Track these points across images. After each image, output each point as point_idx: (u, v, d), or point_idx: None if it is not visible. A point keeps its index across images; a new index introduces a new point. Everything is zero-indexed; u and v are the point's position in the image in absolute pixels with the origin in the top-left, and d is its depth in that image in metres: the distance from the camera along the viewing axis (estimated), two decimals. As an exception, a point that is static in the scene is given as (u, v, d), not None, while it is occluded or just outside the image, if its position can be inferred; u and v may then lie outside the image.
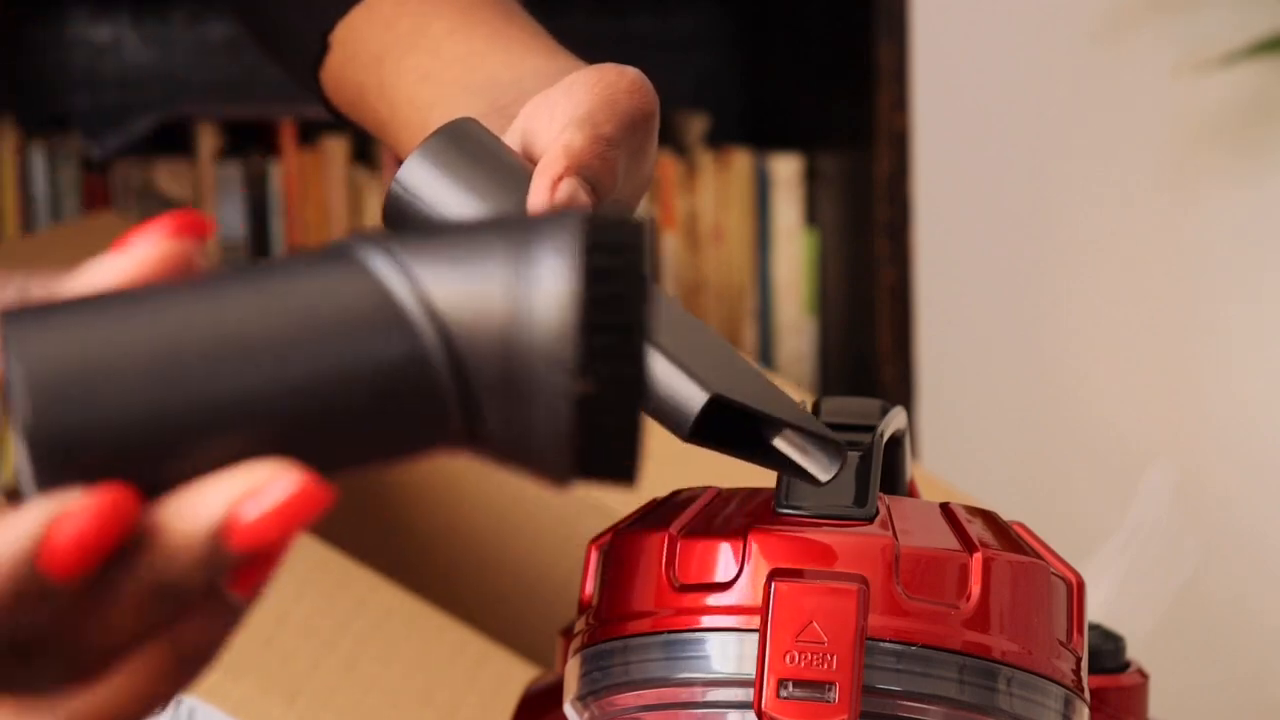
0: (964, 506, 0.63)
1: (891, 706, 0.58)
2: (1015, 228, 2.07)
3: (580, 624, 0.63)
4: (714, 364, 0.61)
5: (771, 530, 0.59)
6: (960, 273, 2.04)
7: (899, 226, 1.79)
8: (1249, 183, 2.06)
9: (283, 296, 0.45)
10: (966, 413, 2.05)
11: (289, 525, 0.44)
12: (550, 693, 0.69)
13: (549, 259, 0.45)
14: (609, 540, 0.63)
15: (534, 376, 0.45)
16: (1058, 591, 0.62)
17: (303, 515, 0.45)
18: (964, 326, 2.06)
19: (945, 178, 1.98)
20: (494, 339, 0.45)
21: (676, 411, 0.59)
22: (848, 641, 0.56)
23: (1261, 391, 2.08)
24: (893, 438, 0.66)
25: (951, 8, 2.01)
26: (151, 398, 0.44)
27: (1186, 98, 2.03)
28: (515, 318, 0.44)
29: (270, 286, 0.45)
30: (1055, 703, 0.60)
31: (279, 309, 0.45)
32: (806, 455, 0.59)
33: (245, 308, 0.45)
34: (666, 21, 1.99)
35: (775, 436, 0.59)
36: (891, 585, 0.59)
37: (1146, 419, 2.09)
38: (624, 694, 0.60)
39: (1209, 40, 1.99)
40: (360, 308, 0.45)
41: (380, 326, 0.45)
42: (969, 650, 0.59)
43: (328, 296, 0.45)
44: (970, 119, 2.04)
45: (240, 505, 0.44)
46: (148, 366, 0.44)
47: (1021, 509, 0.74)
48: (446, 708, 0.99)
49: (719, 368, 0.61)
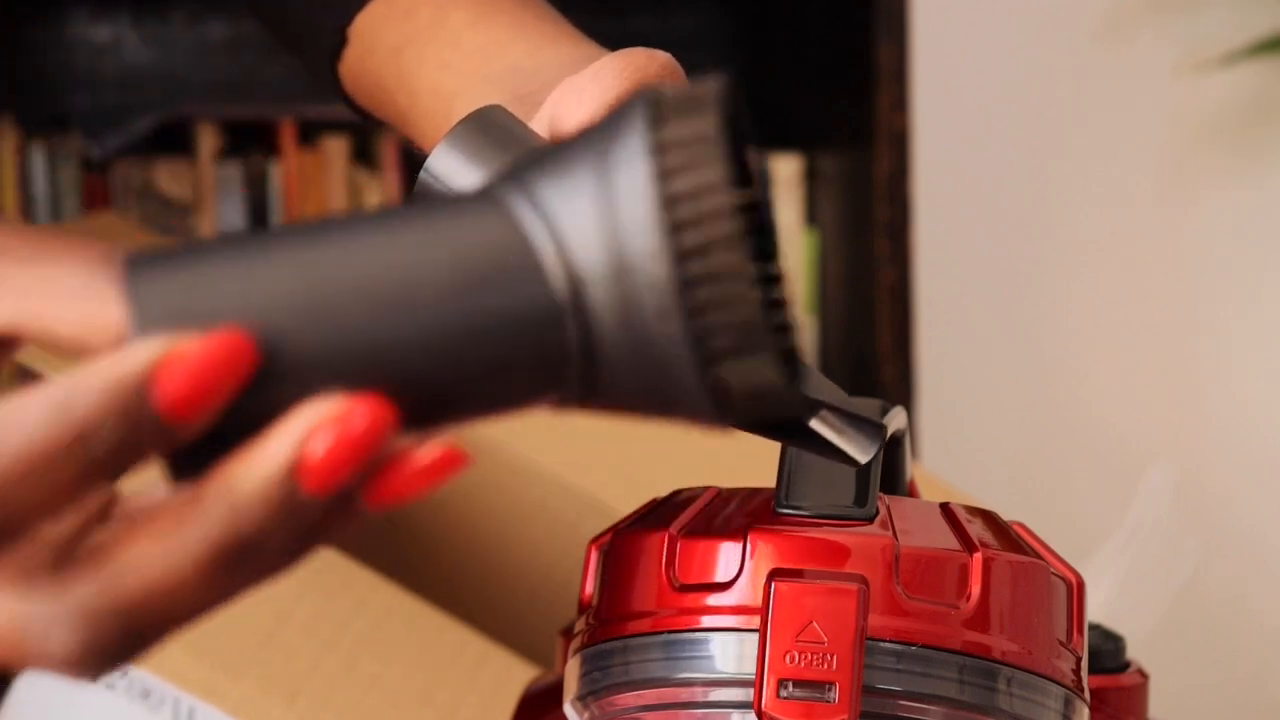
0: (964, 506, 0.63)
1: (891, 706, 0.58)
2: (1015, 228, 2.07)
3: (580, 624, 0.63)
4: None
5: (771, 530, 0.59)
6: (960, 273, 2.04)
7: (899, 226, 1.79)
8: (1249, 183, 2.06)
9: (420, 235, 0.44)
10: (966, 413, 2.05)
11: (359, 456, 0.43)
12: (550, 693, 0.69)
13: (628, 188, 0.43)
14: (609, 540, 0.63)
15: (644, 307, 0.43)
16: (1058, 591, 0.62)
17: (372, 445, 0.43)
18: (964, 326, 2.06)
19: (945, 178, 1.98)
20: (609, 278, 0.43)
21: None
22: (848, 641, 0.56)
23: (1261, 391, 2.08)
24: (893, 438, 0.66)
25: (951, 8, 2.01)
26: (276, 334, 0.43)
27: (1186, 98, 2.03)
28: (619, 250, 0.43)
29: (410, 225, 0.44)
30: (1055, 703, 0.60)
31: (414, 246, 0.44)
32: (844, 436, 0.59)
33: (380, 246, 0.44)
34: (666, 21, 1.99)
35: (813, 418, 0.59)
36: (891, 585, 0.59)
37: (1146, 419, 2.09)
38: (624, 694, 0.60)
39: (1209, 40, 1.99)
40: (498, 253, 0.44)
41: (517, 274, 0.44)
42: (969, 650, 0.59)
43: (468, 239, 0.44)
44: (970, 119, 2.04)
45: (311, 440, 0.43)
46: (272, 302, 0.43)
47: (1021, 509, 0.74)
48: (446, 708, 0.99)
49: None
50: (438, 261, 0.44)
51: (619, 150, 0.44)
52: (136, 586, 0.43)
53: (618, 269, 0.43)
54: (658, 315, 0.43)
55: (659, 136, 0.44)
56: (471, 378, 0.44)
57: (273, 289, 0.44)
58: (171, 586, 0.43)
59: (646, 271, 0.43)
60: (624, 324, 0.44)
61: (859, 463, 0.59)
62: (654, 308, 0.43)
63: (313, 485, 0.43)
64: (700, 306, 0.43)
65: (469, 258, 0.44)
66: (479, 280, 0.44)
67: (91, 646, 0.43)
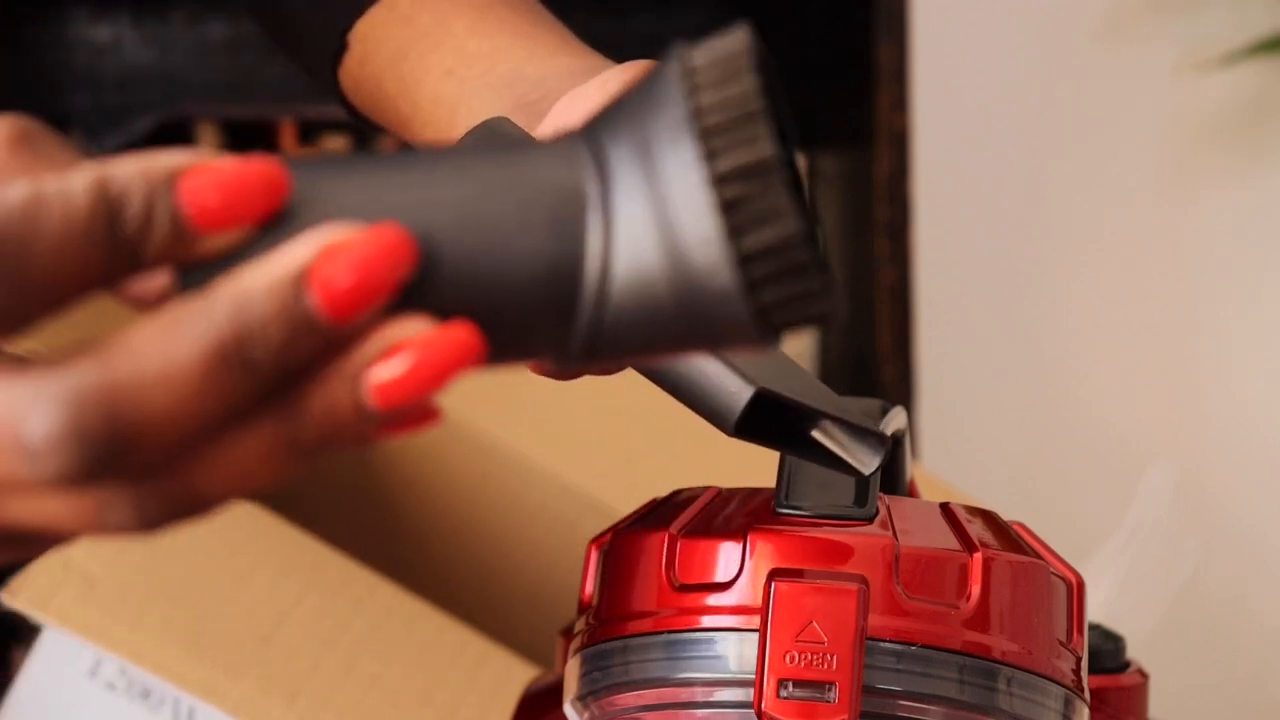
0: (964, 506, 0.63)
1: (891, 706, 0.58)
2: (1015, 228, 2.07)
3: (580, 624, 0.63)
4: (755, 358, 0.61)
5: (771, 530, 0.59)
6: (960, 273, 2.04)
7: (899, 226, 1.79)
8: (1249, 183, 2.06)
9: (490, 170, 0.44)
10: (966, 413, 2.05)
11: (379, 282, 0.43)
12: (550, 693, 0.69)
13: (672, 165, 0.43)
14: (609, 540, 0.63)
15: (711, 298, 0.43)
16: (1058, 591, 0.62)
17: (393, 273, 0.43)
18: (964, 326, 2.06)
19: (945, 178, 1.98)
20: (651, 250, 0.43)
21: (722, 407, 0.60)
22: (848, 641, 0.56)
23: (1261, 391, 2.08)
24: (893, 438, 0.66)
25: (951, 8, 2.01)
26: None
27: (1186, 98, 2.03)
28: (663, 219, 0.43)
29: (482, 159, 0.45)
30: (1055, 703, 0.60)
31: (475, 177, 0.44)
32: (847, 447, 0.59)
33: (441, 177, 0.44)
34: (667, 21, 1.99)
35: (816, 430, 0.59)
36: (891, 585, 0.59)
37: (1146, 419, 2.09)
38: (624, 694, 0.60)
39: (1209, 40, 1.99)
40: (549, 200, 0.44)
41: (559, 222, 0.44)
42: (969, 650, 0.59)
43: (528, 178, 0.44)
44: (970, 119, 2.04)
45: (324, 259, 0.43)
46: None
47: (1021, 509, 0.74)
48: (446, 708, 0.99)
49: (759, 362, 0.61)
50: (519, 201, 0.44)
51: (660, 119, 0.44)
52: (129, 369, 0.41)
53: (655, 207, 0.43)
54: (701, 245, 0.43)
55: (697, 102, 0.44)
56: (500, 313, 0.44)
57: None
58: (164, 377, 0.42)
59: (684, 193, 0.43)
60: (661, 262, 0.43)
61: (862, 474, 0.59)
62: (697, 239, 0.43)
63: (320, 297, 0.42)
64: (740, 226, 0.43)
65: (536, 202, 0.44)
66: (538, 222, 0.43)
67: (71, 428, 0.41)
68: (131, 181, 0.43)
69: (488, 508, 1.16)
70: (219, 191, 0.43)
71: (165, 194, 0.43)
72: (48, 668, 0.98)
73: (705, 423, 0.61)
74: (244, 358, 0.42)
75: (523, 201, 0.44)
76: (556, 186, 0.44)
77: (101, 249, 0.42)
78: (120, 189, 0.43)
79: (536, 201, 0.44)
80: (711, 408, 0.60)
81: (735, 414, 0.60)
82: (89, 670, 0.97)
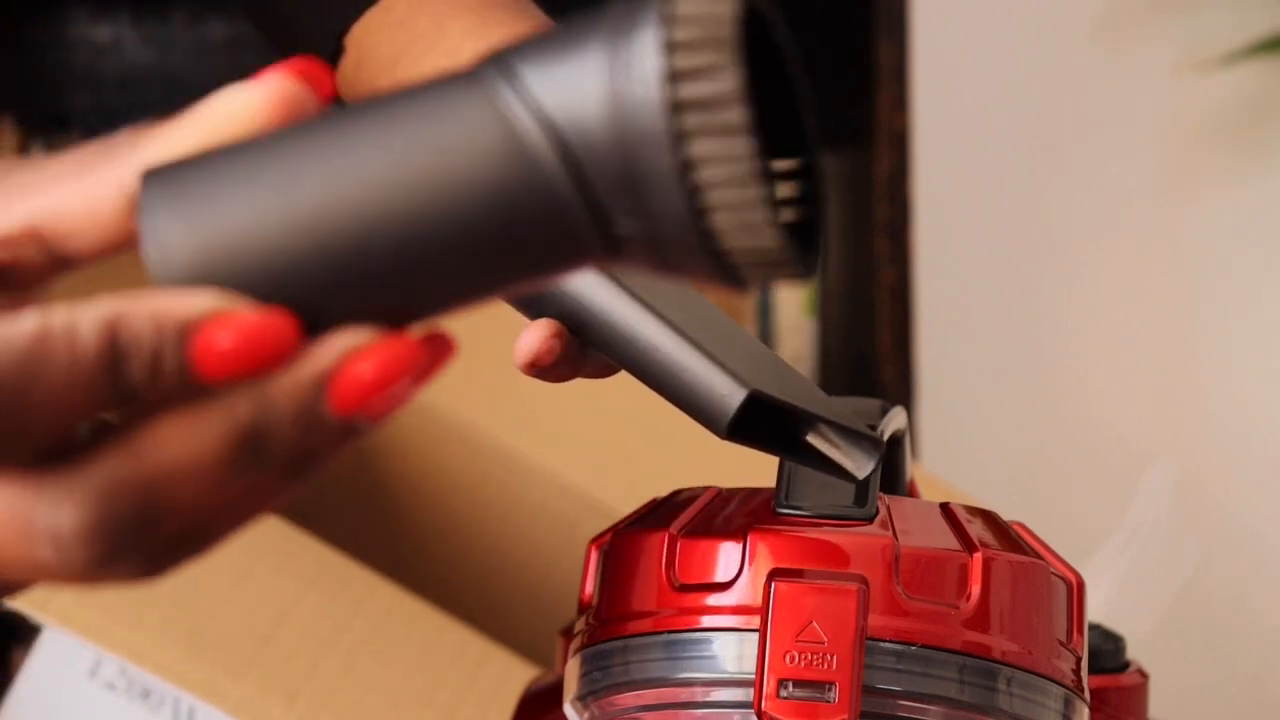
0: (964, 506, 0.63)
1: (891, 706, 0.58)
2: (1015, 228, 2.07)
3: (580, 624, 0.63)
4: (748, 360, 0.61)
5: (771, 530, 0.59)
6: (960, 273, 2.04)
7: (899, 226, 1.79)
8: (1249, 183, 2.06)
9: (402, 132, 0.44)
10: (966, 413, 2.04)
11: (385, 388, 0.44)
12: (550, 693, 0.69)
13: (636, 43, 0.42)
14: (609, 540, 0.63)
15: (647, 164, 0.42)
16: (1058, 591, 0.62)
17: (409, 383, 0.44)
18: (964, 326, 2.05)
19: (945, 178, 1.98)
20: (606, 137, 0.43)
21: (715, 409, 0.60)
22: (848, 641, 0.56)
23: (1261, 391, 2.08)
24: (893, 438, 0.66)
25: (951, 8, 2.01)
26: (271, 245, 0.44)
27: (1186, 98, 2.03)
28: (620, 109, 0.42)
29: (392, 123, 0.44)
30: (1055, 703, 0.60)
31: (398, 145, 0.44)
32: (841, 451, 0.59)
33: (362, 147, 0.44)
34: (666, 21, 1.99)
35: (810, 433, 0.59)
36: (891, 585, 0.59)
37: (1146, 419, 2.09)
38: (624, 694, 0.60)
39: (1209, 40, 1.99)
40: (478, 137, 0.43)
41: (499, 155, 0.43)
42: (969, 650, 0.59)
43: (447, 130, 0.44)
44: (970, 119, 2.04)
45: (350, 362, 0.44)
46: (269, 218, 0.44)
47: (1021, 509, 0.74)
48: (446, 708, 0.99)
49: (753, 364, 0.61)
50: (418, 152, 0.44)
51: (631, 29, 0.43)
52: (157, 460, 0.43)
53: (617, 135, 0.43)
54: (655, 170, 0.42)
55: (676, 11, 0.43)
56: (482, 256, 0.44)
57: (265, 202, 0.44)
58: (191, 466, 0.43)
59: (645, 124, 0.42)
60: (626, 177, 0.43)
61: (857, 478, 0.59)
62: (652, 161, 0.42)
63: (338, 405, 0.44)
64: (694, 159, 0.42)
65: (449, 145, 0.44)
66: (462, 164, 0.43)
67: (104, 522, 0.43)
68: (143, 330, 0.43)
69: (488, 508, 1.16)
70: (232, 346, 0.43)
71: (176, 347, 0.43)
72: (48, 668, 0.98)
73: (704, 423, 0.61)
74: (259, 446, 0.44)
75: (442, 149, 0.43)
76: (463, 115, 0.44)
77: (104, 392, 0.43)
78: (131, 337, 0.43)
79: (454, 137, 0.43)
80: (704, 410, 0.60)
81: (728, 416, 0.60)
82: (89, 670, 0.97)
